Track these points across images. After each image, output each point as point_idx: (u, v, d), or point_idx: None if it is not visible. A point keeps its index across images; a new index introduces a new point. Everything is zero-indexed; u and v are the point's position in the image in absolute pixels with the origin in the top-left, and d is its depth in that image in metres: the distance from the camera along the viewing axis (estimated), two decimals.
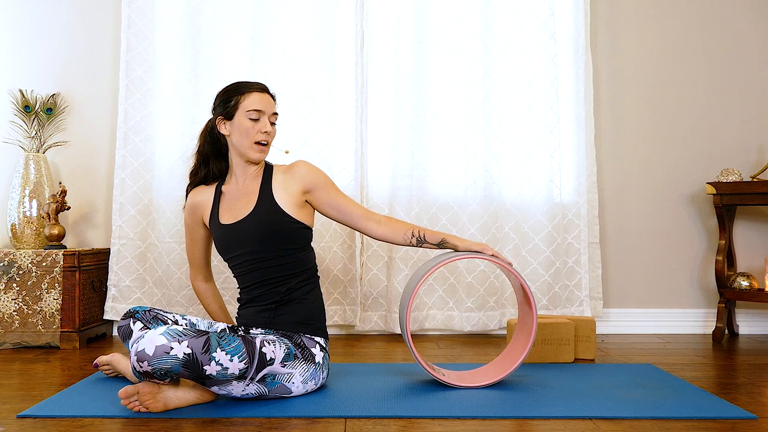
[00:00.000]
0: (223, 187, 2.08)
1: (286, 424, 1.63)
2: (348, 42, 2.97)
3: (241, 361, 1.69)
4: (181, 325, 1.96)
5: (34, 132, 2.92)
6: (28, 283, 2.64)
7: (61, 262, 2.64)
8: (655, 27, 3.12)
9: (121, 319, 1.95)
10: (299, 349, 1.89)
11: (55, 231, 2.78)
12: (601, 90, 3.08)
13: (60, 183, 2.90)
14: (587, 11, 2.99)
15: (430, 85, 2.96)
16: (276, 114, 2.04)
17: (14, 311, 2.63)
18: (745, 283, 2.88)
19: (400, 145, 2.93)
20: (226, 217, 2.02)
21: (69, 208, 2.85)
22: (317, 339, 1.95)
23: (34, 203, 2.86)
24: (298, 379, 1.85)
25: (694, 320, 3.06)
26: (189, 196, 2.12)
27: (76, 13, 3.04)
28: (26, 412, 1.70)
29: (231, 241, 1.99)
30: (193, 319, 2.01)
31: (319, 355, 1.92)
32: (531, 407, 1.76)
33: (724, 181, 2.88)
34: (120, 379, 2.07)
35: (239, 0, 2.94)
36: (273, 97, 2.07)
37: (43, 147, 2.93)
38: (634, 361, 2.40)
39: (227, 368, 1.67)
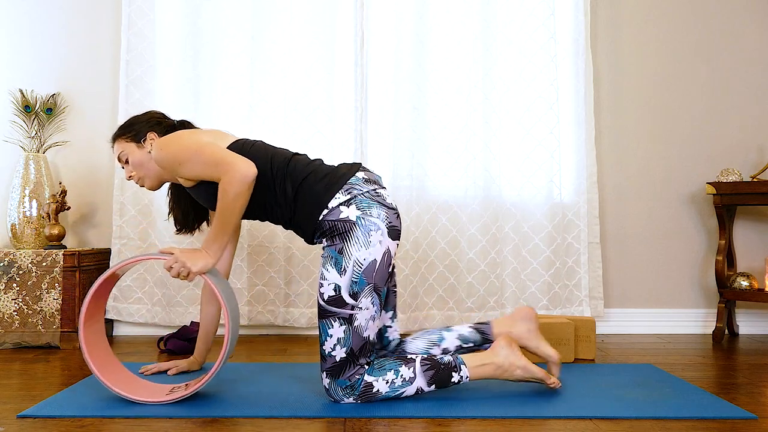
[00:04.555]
0: None
1: (286, 424, 1.63)
2: (348, 42, 2.97)
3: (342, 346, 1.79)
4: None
5: (34, 132, 2.92)
6: (28, 283, 2.64)
7: (61, 262, 2.64)
8: (655, 27, 3.12)
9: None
10: (334, 235, 1.80)
11: (55, 231, 2.78)
12: (601, 90, 3.09)
13: (60, 183, 2.90)
14: (587, 11, 2.99)
15: (430, 85, 2.96)
16: (119, 155, 2.07)
17: (14, 311, 2.63)
18: (745, 283, 2.88)
19: (400, 145, 2.93)
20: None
21: (69, 208, 2.85)
22: (332, 204, 1.81)
23: (34, 203, 2.86)
24: (362, 252, 1.78)
25: (694, 320, 3.06)
26: None
27: (76, 13, 3.04)
28: (26, 412, 1.70)
29: None
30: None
31: (351, 213, 1.80)
32: (531, 407, 1.76)
33: (724, 181, 2.88)
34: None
35: (239, 0, 2.94)
36: (115, 138, 2.09)
37: (43, 147, 2.93)
38: (634, 361, 2.40)
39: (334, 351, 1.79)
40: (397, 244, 1.86)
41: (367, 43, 2.95)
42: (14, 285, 2.63)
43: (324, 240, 1.84)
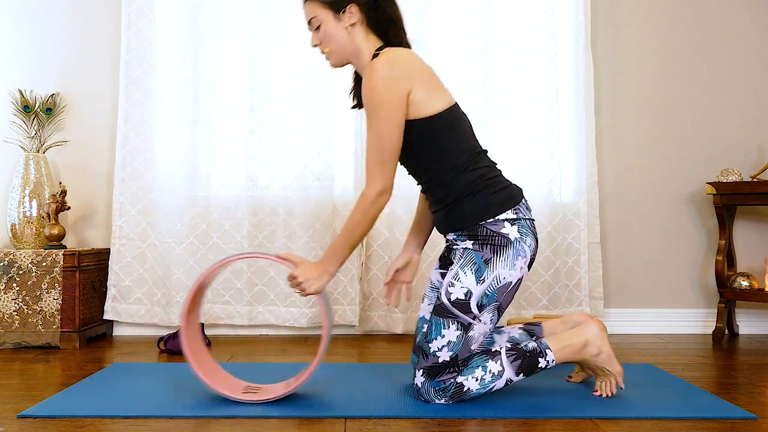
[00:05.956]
0: None
1: (285, 424, 1.63)
2: None
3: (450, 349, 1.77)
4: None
5: (33, 132, 2.92)
6: (28, 283, 2.64)
7: (61, 262, 2.63)
8: (655, 27, 3.12)
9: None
10: (485, 244, 1.80)
11: (55, 231, 2.78)
12: (601, 90, 3.08)
13: (60, 183, 2.90)
14: (587, 11, 2.99)
15: None
16: (311, 20, 1.88)
17: (14, 311, 2.63)
18: (745, 283, 2.88)
19: None
20: None
21: (69, 208, 2.85)
22: (500, 217, 1.81)
23: (34, 203, 2.86)
24: (506, 271, 1.79)
25: (694, 320, 3.06)
26: None
27: (76, 13, 3.03)
28: (26, 412, 1.70)
29: None
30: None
31: (512, 232, 1.81)
32: (531, 407, 1.76)
33: (724, 181, 2.88)
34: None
35: (239, 0, 2.94)
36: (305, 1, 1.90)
37: (43, 147, 2.93)
38: (634, 361, 2.40)
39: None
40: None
41: None
42: (14, 285, 2.63)
43: (469, 241, 1.82)
